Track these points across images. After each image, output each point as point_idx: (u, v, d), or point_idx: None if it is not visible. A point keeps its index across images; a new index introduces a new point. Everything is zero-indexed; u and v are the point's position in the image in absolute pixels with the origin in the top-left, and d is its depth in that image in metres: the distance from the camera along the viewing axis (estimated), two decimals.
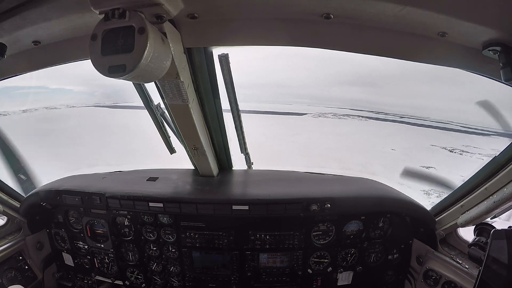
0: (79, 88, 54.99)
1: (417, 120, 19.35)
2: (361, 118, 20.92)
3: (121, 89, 21.61)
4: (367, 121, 20.87)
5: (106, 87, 27.74)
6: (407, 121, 19.82)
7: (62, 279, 2.97)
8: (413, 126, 18.45)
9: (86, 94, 45.90)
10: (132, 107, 19.35)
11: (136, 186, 2.48)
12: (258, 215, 2.29)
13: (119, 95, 21.56)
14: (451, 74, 32.80)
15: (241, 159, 2.77)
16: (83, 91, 48.94)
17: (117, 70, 1.08)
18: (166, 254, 2.58)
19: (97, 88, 36.70)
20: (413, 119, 19.79)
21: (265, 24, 1.44)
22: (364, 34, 1.41)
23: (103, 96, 26.99)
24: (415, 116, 19.88)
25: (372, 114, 21.48)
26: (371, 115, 21.38)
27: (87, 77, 43.65)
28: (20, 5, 1.32)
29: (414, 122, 19.43)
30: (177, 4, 1.25)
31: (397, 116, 20.66)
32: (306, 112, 22.30)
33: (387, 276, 2.64)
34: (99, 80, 20.15)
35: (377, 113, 21.76)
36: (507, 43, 1.20)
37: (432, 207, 2.36)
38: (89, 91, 42.36)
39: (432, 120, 19.08)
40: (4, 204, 2.53)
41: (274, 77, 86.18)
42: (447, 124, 17.81)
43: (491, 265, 1.48)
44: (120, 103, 22.74)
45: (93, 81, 40.98)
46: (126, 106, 21.70)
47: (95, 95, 37.76)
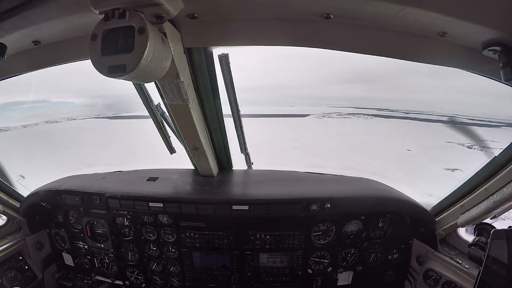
0: (80, 101, 54.51)
1: (423, 115, 18.95)
2: (367, 117, 20.53)
3: (120, 101, 21.64)
4: (373, 119, 20.48)
5: (107, 98, 27.79)
6: (413, 116, 19.46)
7: (62, 279, 2.97)
8: (421, 122, 18.06)
9: (87, 106, 45.70)
10: (134, 117, 19.15)
11: (136, 186, 2.48)
12: (258, 215, 2.29)
13: (119, 106, 21.53)
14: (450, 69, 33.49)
15: (241, 159, 2.77)
16: (84, 103, 48.82)
17: (117, 70, 1.08)
18: (166, 254, 2.58)
19: (99, 99, 36.73)
20: (418, 114, 19.42)
21: (265, 24, 1.44)
22: (364, 34, 1.41)
23: (104, 107, 27.12)
24: (420, 111, 19.56)
25: (377, 112, 21.16)
26: (376, 113, 21.03)
27: (87, 86, 43.13)
28: (20, 5, 1.32)
29: (420, 117, 19.05)
30: (177, 4, 1.25)
31: (402, 112, 20.36)
32: (309, 113, 21.95)
33: (387, 276, 2.64)
34: (98, 91, 20.27)
35: (381, 110, 21.48)
36: (507, 43, 1.20)
37: (432, 207, 2.36)
38: (91, 103, 42.31)
39: (437, 114, 18.76)
40: (4, 204, 2.53)
41: (274, 79, 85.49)
42: (454, 117, 17.47)
43: (491, 265, 1.48)
44: (122, 113, 22.59)
45: (94, 92, 40.72)
46: (128, 116, 21.48)
47: (97, 107, 37.69)
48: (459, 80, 24.14)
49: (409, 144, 12.03)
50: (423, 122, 18.33)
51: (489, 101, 9.96)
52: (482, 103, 16.59)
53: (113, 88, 24.99)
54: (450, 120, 16.56)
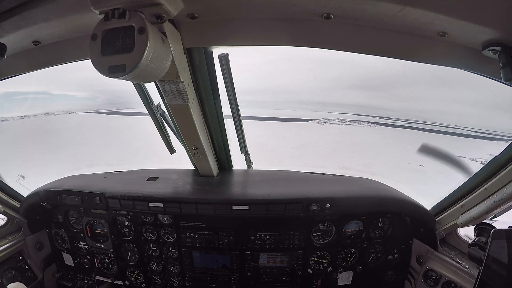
0: (81, 94, 52.54)
1: (427, 126, 18.49)
2: (370, 125, 20.05)
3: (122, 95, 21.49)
4: (376, 127, 19.96)
5: (108, 93, 27.52)
6: (416, 126, 19.00)
7: (62, 279, 2.97)
8: (425, 132, 17.59)
9: (87, 100, 44.41)
10: (133, 114, 18.82)
11: (136, 186, 2.48)
12: (258, 215, 2.28)
13: (120, 101, 21.32)
14: (454, 75, 32.89)
15: (241, 159, 2.77)
16: (85, 96, 47.29)
17: (117, 70, 1.08)
18: (166, 254, 2.58)
19: (99, 93, 35.73)
20: (422, 124, 18.99)
21: (265, 24, 1.44)
22: (364, 34, 1.41)
23: (105, 102, 26.82)
24: (423, 121, 19.20)
25: (379, 120, 20.70)
26: (378, 121, 20.57)
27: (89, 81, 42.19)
28: (20, 5, 1.32)
29: (424, 127, 18.55)
30: (177, 4, 1.25)
31: (405, 122, 19.95)
32: (310, 118, 21.51)
33: (387, 276, 2.64)
34: (100, 86, 20.15)
35: (384, 119, 21.02)
36: (507, 43, 1.20)
37: (432, 207, 2.36)
38: (91, 97, 41.03)
39: (440, 125, 18.33)
40: (4, 204, 2.53)
41: (274, 81, 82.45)
42: (456, 129, 17.08)
43: (491, 265, 1.48)
44: (122, 109, 22.27)
45: (95, 86, 39.45)
46: (127, 112, 21.12)
47: (97, 101, 36.74)
48: (461, 91, 24.28)
49: (419, 158, 11.49)
50: (426, 132, 17.78)
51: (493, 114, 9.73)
52: (486, 115, 16.62)
53: (114, 85, 24.75)
54: (453, 132, 16.12)
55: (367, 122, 20.74)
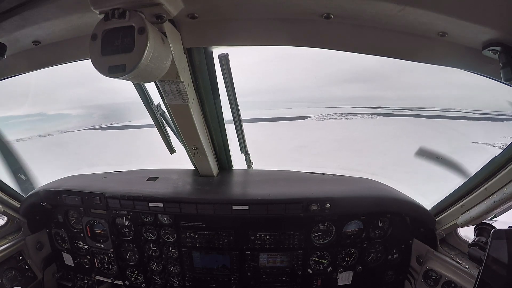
0: (76, 112, 50.81)
1: (428, 112, 18.02)
2: (371, 116, 19.58)
3: (115, 108, 21.27)
4: (377, 118, 19.45)
5: (103, 108, 27.09)
6: (417, 113, 18.56)
7: (62, 279, 2.97)
8: (428, 118, 17.09)
9: (83, 117, 42.93)
10: (130, 127, 18.43)
11: (136, 186, 2.48)
12: (258, 215, 2.29)
13: (115, 115, 21.03)
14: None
15: (241, 159, 2.77)
16: (80, 114, 45.92)
17: (117, 70, 1.09)
18: (166, 254, 2.58)
19: (95, 109, 34.98)
20: (422, 110, 18.54)
21: (265, 24, 1.44)
22: (364, 34, 1.41)
23: (100, 117, 26.42)
24: (423, 108, 18.66)
25: (379, 110, 20.24)
26: (378, 111, 20.09)
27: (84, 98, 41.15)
28: (20, 5, 1.32)
29: (425, 114, 18.07)
30: (177, 4, 1.25)
31: (406, 110, 19.54)
32: (308, 114, 21.05)
33: (387, 276, 2.64)
34: (92, 101, 19.94)
35: (383, 109, 20.56)
36: (507, 43, 1.20)
37: (432, 207, 2.35)
38: (87, 114, 39.90)
39: (441, 110, 17.90)
40: (4, 204, 2.53)
41: (271, 81, 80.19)
42: (458, 112, 16.64)
43: (491, 265, 1.48)
44: (118, 123, 21.94)
45: (90, 102, 38.27)
46: (123, 126, 20.69)
47: (93, 117, 35.69)
48: (459, 76, 23.83)
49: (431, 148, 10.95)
50: (429, 119, 17.16)
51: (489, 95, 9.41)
52: (481, 98, 16.28)
53: (109, 98, 24.37)
54: (457, 116, 15.70)
55: (367, 114, 20.28)
